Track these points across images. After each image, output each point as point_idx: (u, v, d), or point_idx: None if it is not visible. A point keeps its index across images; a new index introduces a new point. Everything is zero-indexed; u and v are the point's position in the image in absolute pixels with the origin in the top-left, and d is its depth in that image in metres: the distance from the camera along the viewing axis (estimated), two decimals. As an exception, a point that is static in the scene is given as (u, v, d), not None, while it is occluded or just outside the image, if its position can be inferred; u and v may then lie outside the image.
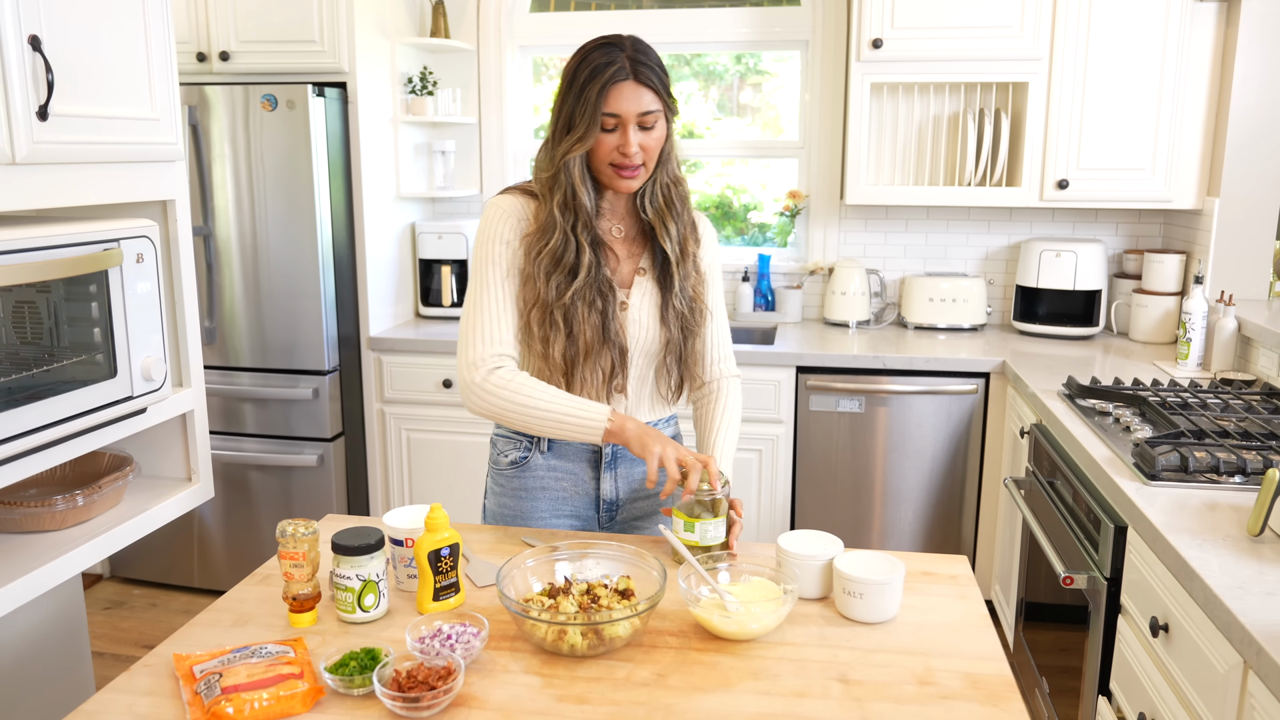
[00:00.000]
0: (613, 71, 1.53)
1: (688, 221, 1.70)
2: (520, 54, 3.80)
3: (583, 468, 1.73)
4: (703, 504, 1.49)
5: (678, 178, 1.68)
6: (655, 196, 1.66)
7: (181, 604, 3.41)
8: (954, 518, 3.15)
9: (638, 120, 1.55)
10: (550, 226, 1.60)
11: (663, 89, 1.57)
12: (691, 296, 1.69)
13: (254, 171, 3.13)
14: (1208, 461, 1.90)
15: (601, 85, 1.53)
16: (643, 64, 1.55)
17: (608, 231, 1.69)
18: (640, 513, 1.78)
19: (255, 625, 1.36)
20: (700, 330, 1.72)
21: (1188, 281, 3.20)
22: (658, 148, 1.60)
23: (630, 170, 1.58)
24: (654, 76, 1.55)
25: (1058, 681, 2.27)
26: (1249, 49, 2.96)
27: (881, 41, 3.14)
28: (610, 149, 1.57)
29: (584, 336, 1.61)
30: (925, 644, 1.31)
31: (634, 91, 1.54)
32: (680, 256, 1.68)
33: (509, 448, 1.75)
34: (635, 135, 1.55)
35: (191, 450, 1.74)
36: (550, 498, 1.74)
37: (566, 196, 1.60)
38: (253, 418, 3.30)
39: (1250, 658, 1.29)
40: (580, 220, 1.60)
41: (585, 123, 1.55)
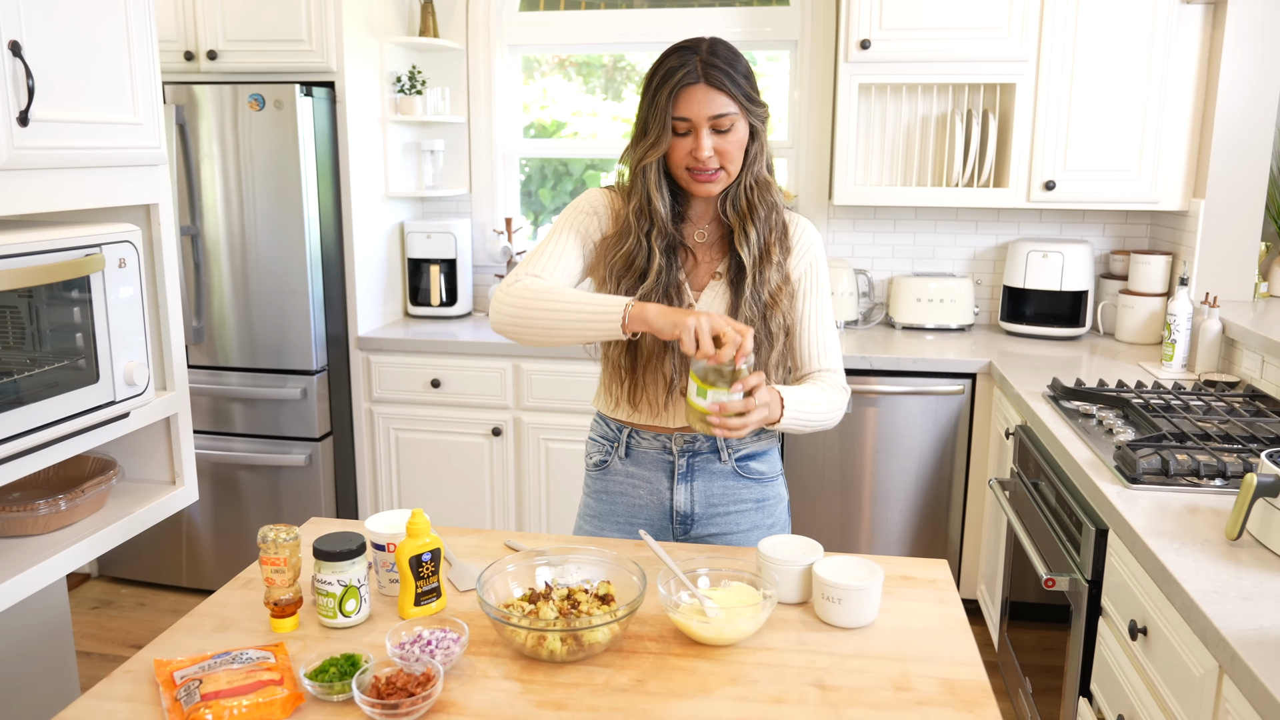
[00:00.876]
0: (682, 75, 1.52)
1: (774, 226, 1.65)
2: (510, 53, 3.80)
3: (659, 477, 1.73)
4: (720, 373, 1.44)
5: (764, 181, 1.63)
6: (738, 199, 1.63)
7: (170, 603, 3.41)
8: (941, 518, 3.17)
9: (710, 124, 1.53)
10: (626, 231, 1.62)
11: (739, 92, 1.53)
12: (766, 303, 1.63)
13: (242, 171, 3.12)
14: (1189, 465, 1.91)
15: (671, 89, 1.52)
16: (715, 67, 1.52)
17: (690, 236, 1.68)
18: (716, 529, 1.74)
19: (237, 630, 1.36)
20: (775, 343, 1.65)
21: (1174, 282, 3.21)
22: (735, 151, 1.56)
23: (705, 175, 1.57)
24: (727, 79, 1.52)
25: (1041, 681, 2.28)
26: (1235, 51, 2.97)
27: (870, 42, 3.15)
28: (684, 153, 1.56)
29: (645, 341, 1.62)
30: (903, 649, 1.32)
31: (705, 95, 1.52)
32: (759, 262, 1.62)
33: (594, 450, 1.79)
34: (708, 139, 1.53)
35: (175, 453, 1.75)
36: (627, 504, 1.75)
37: (642, 203, 1.61)
38: (241, 417, 3.30)
39: (1225, 663, 1.30)
40: (656, 226, 1.61)
41: (657, 128, 1.55)
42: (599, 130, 3.91)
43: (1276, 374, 2.49)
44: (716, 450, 1.71)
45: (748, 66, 1.58)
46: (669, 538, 1.76)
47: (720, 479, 1.72)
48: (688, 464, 1.71)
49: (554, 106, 3.94)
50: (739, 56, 1.57)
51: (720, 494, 1.73)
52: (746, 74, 1.56)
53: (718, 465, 1.72)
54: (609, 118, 3.91)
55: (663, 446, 1.71)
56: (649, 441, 1.72)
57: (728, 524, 1.74)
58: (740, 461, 1.72)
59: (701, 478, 1.72)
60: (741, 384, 1.44)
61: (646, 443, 1.72)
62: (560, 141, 3.93)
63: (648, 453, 1.72)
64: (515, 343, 1.68)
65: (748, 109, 1.56)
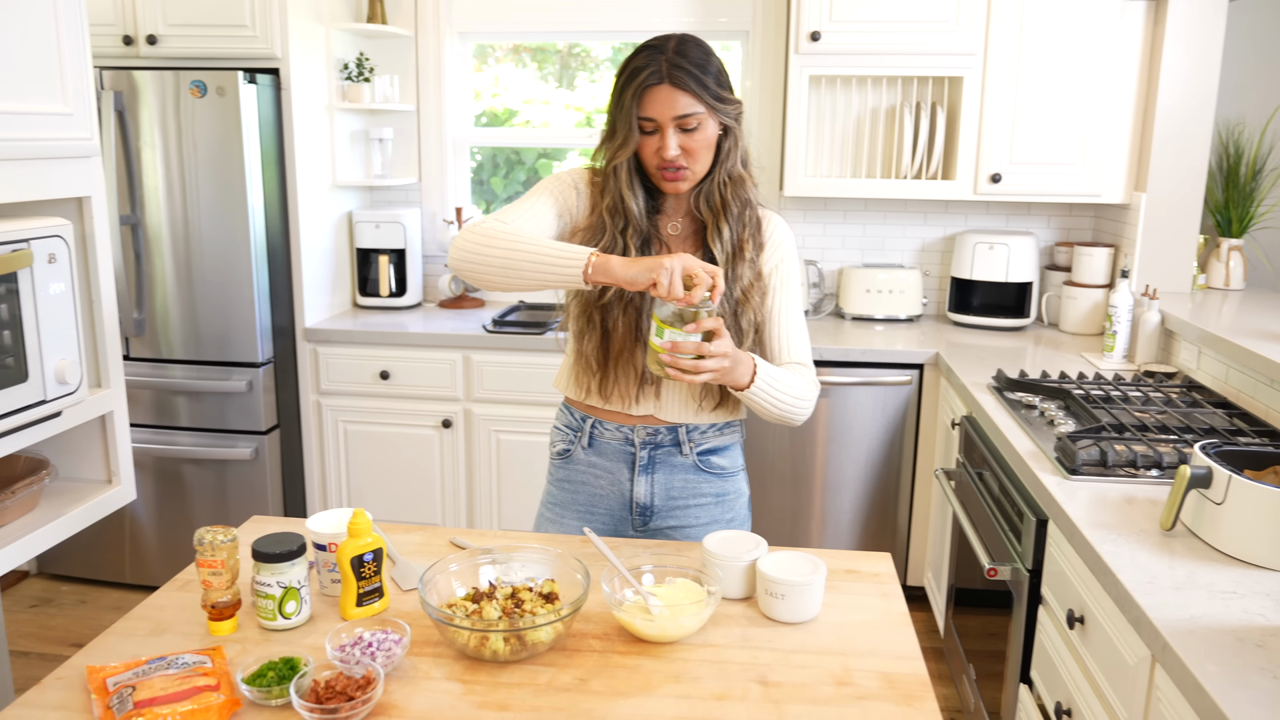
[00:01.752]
0: (646, 75, 1.52)
1: (748, 222, 1.65)
2: (460, 40, 3.75)
3: (620, 468, 1.73)
4: (682, 316, 1.43)
5: (737, 176, 1.64)
6: (711, 195, 1.63)
7: (112, 600, 3.34)
8: (889, 507, 3.21)
9: (675, 123, 1.53)
10: (600, 228, 1.62)
11: (705, 91, 1.53)
12: (738, 300, 1.63)
13: (185, 159, 3.05)
14: (1126, 456, 1.95)
15: (636, 89, 1.53)
16: (680, 67, 1.51)
17: (665, 228, 1.68)
18: (675, 521, 1.75)
19: (174, 634, 1.34)
20: (745, 339, 1.65)
21: (1115, 274, 3.27)
22: (703, 149, 1.57)
23: (673, 173, 1.57)
24: (692, 79, 1.52)
25: (984, 667, 2.32)
26: (1175, 47, 3.02)
27: (820, 34, 3.16)
28: (652, 152, 1.57)
29: (617, 334, 1.63)
30: (845, 644, 1.33)
31: (668, 95, 1.52)
32: (732, 258, 1.63)
33: (558, 438, 1.80)
34: (674, 139, 1.54)
35: (112, 452, 1.71)
36: (588, 493, 1.76)
37: (615, 201, 1.61)
38: (185, 411, 3.24)
39: (1157, 652, 1.33)
40: (630, 224, 1.61)
41: (624, 128, 1.56)
42: (552, 118, 3.88)
43: (1213, 365, 2.55)
44: (678, 443, 1.71)
45: (718, 64, 1.57)
46: (629, 529, 1.77)
47: (681, 472, 1.73)
48: (649, 456, 1.71)
49: (506, 94, 3.90)
50: (709, 54, 1.56)
51: (681, 487, 1.73)
52: (716, 72, 1.56)
53: (679, 458, 1.72)
54: (562, 106, 3.88)
55: (625, 438, 1.71)
56: (612, 432, 1.72)
57: (687, 517, 1.74)
58: (702, 455, 1.73)
59: (662, 470, 1.72)
60: (696, 324, 1.44)
61: (609, 433, 1.72)
62: (512, 130, 3.90)
63: (610, 443, 1.72)
64: (471, 284, 1.64)
65: (714, 107, 1.55)
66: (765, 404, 1.59)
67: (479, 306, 3.70)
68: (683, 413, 1.70)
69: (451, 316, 3.54)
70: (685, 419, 1.70)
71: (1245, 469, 1.66)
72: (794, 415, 1.64)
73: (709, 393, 1.69)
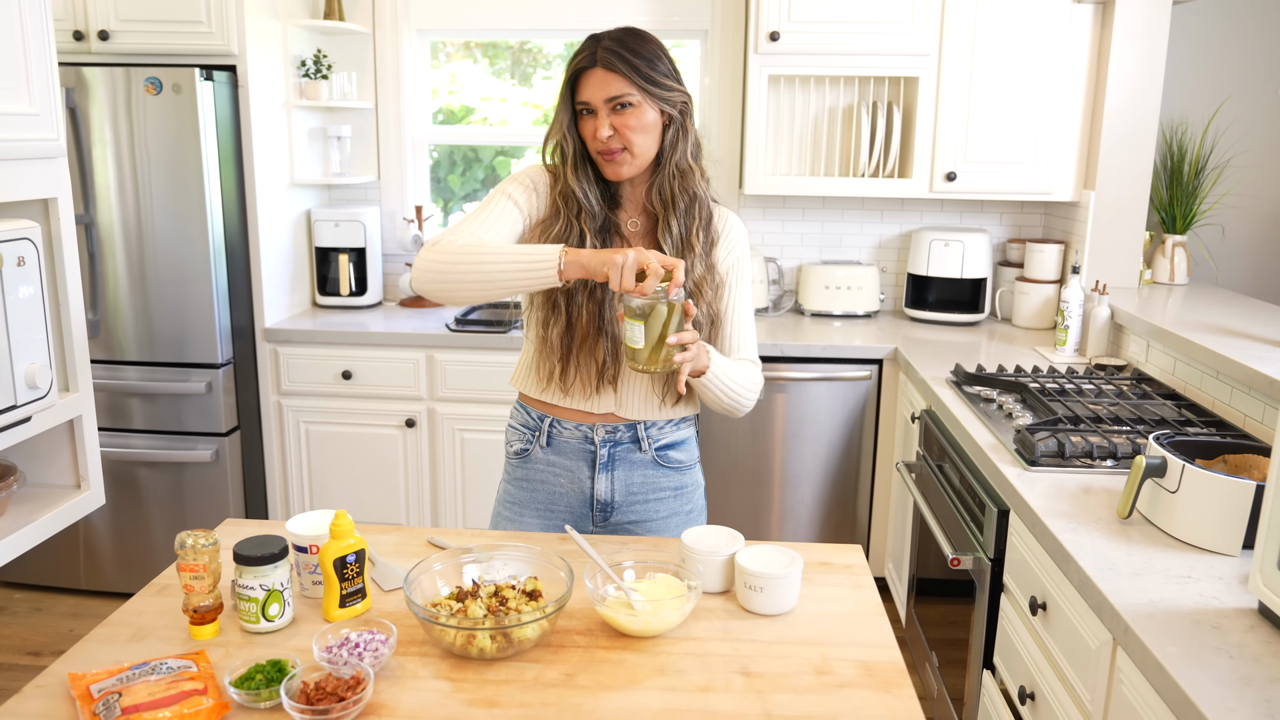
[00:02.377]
0: (579, 59, 1.59)
1: (697, 215, 1.67)
2: (418, 37, 3.73)
3: (580, 466, 1.75)
4: (641, 309, 1.45)
5: (685, 168, 1.66)
6: (662, 189, 1.66)
7: (68, 607, 3.28)
8: (849, 500, 3.27)
9: (607, 106, 1.57)
10: (555, 214, 1.66)
11: (636, 73, 1.56)
12: (691, 293, 1.64)
13: (138, 157, 3.00)
14: (1082, 447, 2.01)
15: (571, 74, 1.60)
16: (612, 51, 1.56)
17: (624, 225, 1.70)
18: (636, 516, 1.78)
19: (154, 639, 1.33)
20: (700, 332, 1.66)
21: (1066, 270, 3.36)
22: (638, 134, 1.59)
23: (609, 155, 1.60)
24: (622, 63, 1.56)
25: (946, 654, 2.39)
26: (1122, 49, 3.12)
27: (779, 34, 3.20)
28: (590, 135, 1.61)
29: (580, 322, 1.64)
30: (823, 634, 1.37)
31: (601, 77, 1.57)
32: (680, 252, 1.65)
33: (515, 438, 1.80)
34: (606, 119, 1.58)
35: (80, 456, 1.68)
36: (547, 492, 1.77)
37: (566, 188, 1.65)
38: (141, 413, 3.19)
39: (1119, 635, 1.39)
40: (582, 210, 1.64)
41: (562, 113, 1.63)
42: (509, 115, 3.88)
43: (1160, 357, 2.64)
44: (637, 440, 1.73)
45: (657, 52, 1.60)
46: (589, 525, 1.79)
47: (640, 468, 1.75)
48: (609, 454, 1.73)
49: (463, 91, 3.89)
50: (646, 41, 1.60)
51: (640, 483, 1.76)
52: (652, 58, 1.59)
53: (638, 455, 1.74)
54: (519, 103, 3.88)
55: (584, 436, 1.73)
56: (570, 431, 1.73)
57: (647, 511, 1.77)
58: (660, 451, 1.75)
59: (622, 467, 1.74)
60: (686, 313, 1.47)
61: (568, 432, 1.74)
62: (471, 128, 3.89)
63: (569, 442, 1.74)
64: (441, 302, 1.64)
65: (648, 91, 1.58)
66: (718, 392, 1.63)
67: (440, 306, 3.69)
68: (643, 410, 1.72)
69: (413, 315, 3.52)
70: (645, 416, 1.73)
71: (1196, 458, 1.73)
72: (742, 404, 1.69)
73: (669, 389, 1.71)
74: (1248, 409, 2.18)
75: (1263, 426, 2.11)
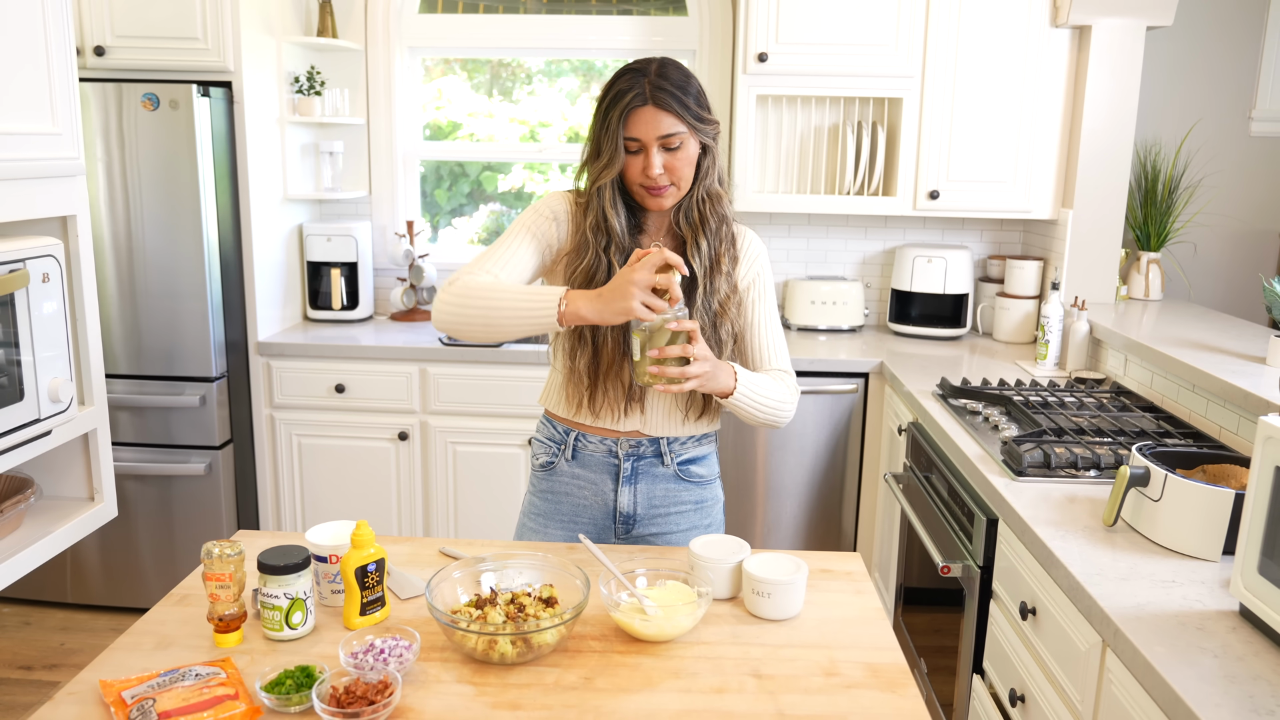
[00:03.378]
0: (631, 98, 1.59)
1: (724, 237, 1.72)
2: (410, 54, 3.78)
3: (604, 479, 1.79)
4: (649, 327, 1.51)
5: (715, 193, 1.71)
6: (691, 211, 1.70)
7: (57, 621, 3.27)
8: (834, 511, 3.33)
9: (659, 143, 1.60)
10: (584, 246, 1.68)
11: (687, 112, 1.60)
12: (716, 312, 1.70)
13: (129, 172, 3.03)
14: (1067, 458, 2.09)
15: (621, 111, 1.60)
16: (662, 89, 1.59)
17: (648, 248, 1.72)
18: (656, 529, 1.82)
19: (179, 647, 1.36)
20: (724, 349, 1.72)
21: (1045, 286, 3.46)
22: (685, 167, 1.64)
23: (657, 190, 1.64)
24: (674, 100, 1.59)
25: (935, 661, 2.45)
26: (1098, 72, 3.22)
27: (767, 55, 3.27)
28: (638, 171, 1.63)
29: (606, 350, 1.69)
30: (828, 638, 1.42)
31: (653, 116, 1.59)
32: (710, 272, 1.70)
33: (541, 451, 1.85)
34: (658, 157, 1.61)
35: (95, 469, 1.71)
36: (572, 504, 1.82)
37: (598, 219, 1.68)
38: (130, 426, 3.20)
39: (1109, 637, 1.45)
40: (612, 242, 1.67)
41: (610, 149, 1.62)
42: (495, 131, 3.93)
43: (1137, 371, 2.73)
44: (660, 454, 1.78)
45: (698, 86, 1.65)
46: (611, 537, 1.83)
47: (663, 482, 1.80)
48: (632, 467, 1.78)
49: (449, 107, 3.94)
50: (689, 77, 1.64)
51: (662, 496, 1.81)
52: (696, 93, 1.63)
53: (661, 469, 1.79)
54: (506, 119, 3.93)
55: (609, 450, 1.78)
56: (595, 445, 1.78)
57: (668, 524, 1.82)
58: (682, 465, 1.81)
59: (645, 480, 1.79)
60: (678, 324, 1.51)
61: (593, 446, 1.79)
62: (460, 144, 3.94)
63: (594, 455, 1.79)
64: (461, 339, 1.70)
65: (695, 127, 1.63)
66: (749, 409, 1.68)
67: (430, 319, 3.72)
68: (667, 426, 1.77)
69: (404, 329, 3.56)
70: (669, 432, 1.78)
71: (1177, 468, 1.81)
72: (777, 418, 1.73)
73: (693, 405, 1.76)
74: (1223, 421, 2.26)
75: (1238, 437, 2.19)
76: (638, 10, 3.71)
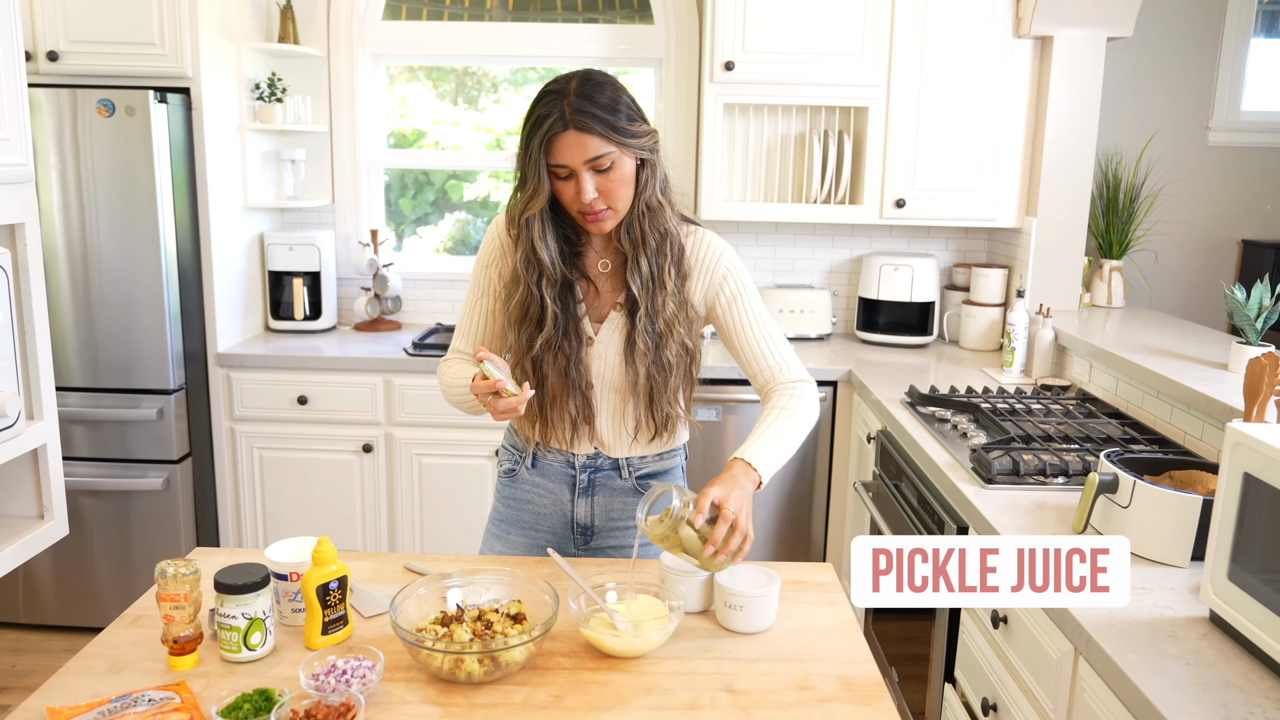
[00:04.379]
0: (550, 124, 1.48)
1: (668, 252, 1.62)
2: (373, 61, 3.73)
3: (562, 489, 1.77)
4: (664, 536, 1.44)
5: (655, 205, 1.60)
6: (631, 228, 1.61)
7: (9, 642, 3.18)
8: (804, 520, 3.32)
9: (589, 166, 1.50)
10: (515, 280, 1.63)
11: (613, 130, 1.49)
12: (661, 332, 1.61)
13: (84, 180, 2.95)
14: (1035, 465, 2.09)
15: (542, 139, 1.49)
16: (582, 112, 1.47)
17: (594, 266, 1.68)
18: (615, 541, 1.79)
19: (132, 671, 1.31)
20: (672, 371, 1.64)
21: (1010, 293, 3.48)
22: (621, 188, 1.54)
23: (594, 214, 1.55)
24: (597, 121, 1.47)
25: (905, 669, 2.44)
26: (1060, 82, 3.25)
27: (733, 64, 3.27)
28: (571, 196, 1.54)
29: (549, 382, 1.64)
30: (801, 651, 1.40)
31: (576, 140, 1.48)
32: (652, 291, 1.61)
33: (505, 458, 1.85)
34: (589, 181, 1.51)
35: (44, 486, 1.65)
36: (533, 512, 1.80)
37: (527, 252, 1.60)
38: (84, 440, 3.11)
39: (1080, 645, 1.45)
40: (544, 275, 1.60)
41: (534, 179, 1.53)
42: (461, 139, 3.89)
43: (1103, 378, 2.74)
44: (618, 468, 1.76)
45: (625, 99, 1.53)
46: (570, 547, 1.80)
47: (620, 495, 1.77)
48: (589, 479, 1.75)
49: (414, 115, 3.89)
50: (614, 90, 1.52)
51: (620, 509, 1.78)
52: (625, 107, 1.52)
53: (618, 481, 1.76)
54: (471, 127, 3.89)
55: (566, 461, 1.76)
56: (554, 455, 1.76)
57: (627, 537, 1.79)
58: (641, 479, 1.78)
59: (602, 493, 1.76)
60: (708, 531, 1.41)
61: (552, 456, 1.76)
62: (425, 152, 3.89)
63: (552, 465, 1.77)
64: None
65: (626, 144, 1.51)
66: (785, 461, 1.63)
67: (395, 329, 3.68)
68: (623, 448, 1.75)
69: (368, 339, 3.50)
70: (627, 453, 1.75)
71: (1145, 474, 1.81)
72: (804, 439, 1.68)
73: (644, 425, 1.71)
74: (1188, 427, 2.28)
75: (1202, 443, 2.20)
76: (603, 19, 3.69)
